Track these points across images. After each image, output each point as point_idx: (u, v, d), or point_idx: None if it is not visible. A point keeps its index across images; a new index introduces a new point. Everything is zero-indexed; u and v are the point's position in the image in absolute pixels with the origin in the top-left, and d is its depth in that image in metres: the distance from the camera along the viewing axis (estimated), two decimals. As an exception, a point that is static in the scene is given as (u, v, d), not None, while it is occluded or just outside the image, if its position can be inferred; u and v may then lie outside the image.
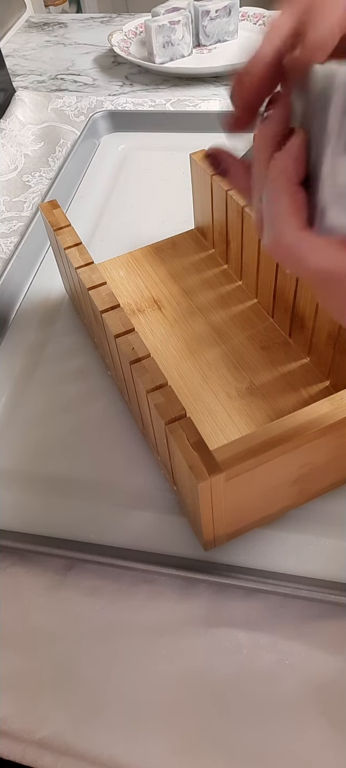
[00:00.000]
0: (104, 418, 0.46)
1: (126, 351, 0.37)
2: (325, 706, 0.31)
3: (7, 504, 0.41)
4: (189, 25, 0.94)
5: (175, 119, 0.79)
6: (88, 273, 0.43)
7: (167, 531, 0.38)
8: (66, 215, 0.48)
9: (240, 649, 0.33)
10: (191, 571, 0.35)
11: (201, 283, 0.53)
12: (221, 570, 0.36)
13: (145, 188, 0.70)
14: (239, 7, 0.99)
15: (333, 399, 0.34)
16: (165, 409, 0.33)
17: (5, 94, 0.84)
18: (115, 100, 0.86)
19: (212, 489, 0.31)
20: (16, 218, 0.68)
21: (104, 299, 0.41)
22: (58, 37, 1.14)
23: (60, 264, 0.53)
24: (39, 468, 0.43)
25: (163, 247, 0.57)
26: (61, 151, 0.77)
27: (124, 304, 0.51)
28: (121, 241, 0.60)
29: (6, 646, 0.35)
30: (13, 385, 0.49)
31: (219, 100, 0.83)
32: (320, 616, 0.34)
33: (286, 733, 0.30)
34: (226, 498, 0.32)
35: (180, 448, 0.31)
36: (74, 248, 0.45)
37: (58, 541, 0.38)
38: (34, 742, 0.32)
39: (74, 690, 0.33)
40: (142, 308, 0.51)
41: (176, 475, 0.36)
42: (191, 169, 0.54)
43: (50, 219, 0.48)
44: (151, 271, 0.55)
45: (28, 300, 0.57)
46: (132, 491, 0.41)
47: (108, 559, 0.37)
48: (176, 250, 0.56)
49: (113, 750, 0.31)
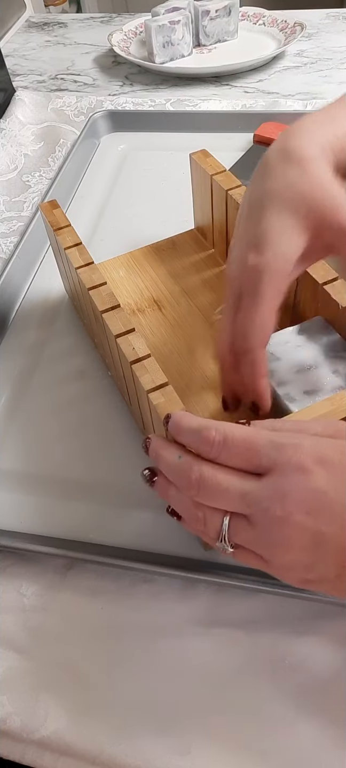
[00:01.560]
0: (104, 418, 0.46)
1: (126, 351, 0.37)
2: (324, 706, 0.31)
3: (7, 504, 0.41)
4: (189, 25, 0.94)
5: (175, 119, 0.79)
6: (88, 273, 0.43)
7: (167, 531, 0.38)
8: (66, 215, 0.48)
9: (240, 649, 0.33)
10: (191, 571, 0.35)
11: (201, 283, 0.53)
12: (221, 570, 0.36)
13: (145, 188, 0.70)
14: (239, 7, 0.99)
15: (333, 399, 0.34)
16: (165, 408, 0.33)
17: (5, 94, 0.84)
18: (115, 100, 0.86)
19: None
20: (16, 218, 0.68)
21: (104, 299, 0.41)
22: (58, 37, 1.14)
23: (60, 264, 0.53)
24: (39, 468, 0.43)
25: (163, 247, 0.57)
26: (61, 151, 0.77)
27: (124, 304, 0.51)
28: (121, 241, 0.60)
29: (6, 646, 0.35)
30: (13, 385, 0.49)
31: (219, 100, 0.83)
32: (319, 616, 0.34)
33: (285, 733, 0.30)
34: None
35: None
36: (74, 248, 0.45)
37: (58, 541, 0.38)
38: (34, 742, 0.32)
39: (74, 690, 0.33)
40: (142, 308, 0.51)
41: None
42: (191, 169, 0.54)
43: (50, 219, 0.48)
44: (151, 271, 0.55)
45: (27, 300, 0.57)
46: (132, 491, 0.41)
47: (108, 559, 0.37)
48: (176, 250, 0.56)
49: (113, 750, 0.31)
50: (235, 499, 0.27)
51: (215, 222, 0.53)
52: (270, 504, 0.26)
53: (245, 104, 0.81)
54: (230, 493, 0.27)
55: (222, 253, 0.54)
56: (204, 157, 0.52)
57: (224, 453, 0.27)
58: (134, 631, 0.35)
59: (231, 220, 0.50)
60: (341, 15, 1.08)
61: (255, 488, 0.26)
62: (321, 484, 0.25)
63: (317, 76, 0.90)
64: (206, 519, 0.28)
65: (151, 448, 0.31)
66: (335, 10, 1.10)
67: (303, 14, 1.06)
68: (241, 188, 0.48)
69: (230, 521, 0.27)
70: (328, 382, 0.38)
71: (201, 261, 0.55)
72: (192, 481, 0.27)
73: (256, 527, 0.26)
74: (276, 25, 1.01)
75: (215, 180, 0.50)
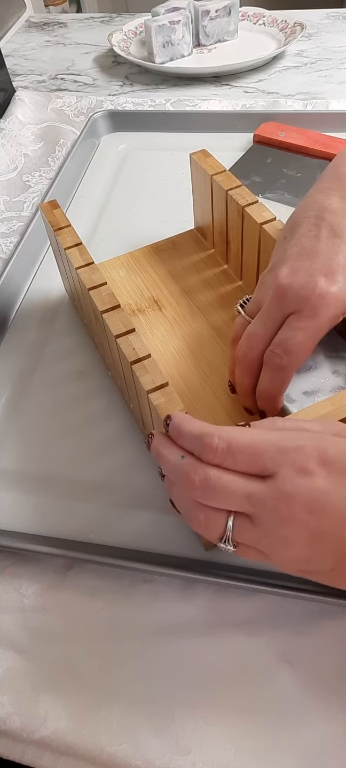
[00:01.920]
0: (104, 418, 0.46)
1: (127, 351, 0.37)
2: (325, 706, 0.31)
3: (7, 504, 0.41)
4: (189, 24, 0.94)
5: (175, 119, 0.79)
6: (88, 273, 0.43)
7: (167, 531, 0.38)
8: (66, 215, 0.48)
9: (240, 649, 0.33)
10: (191, 571, 0.35)
11: (201, 283, 0.53)
12: (221, 570, 0.36)
13: (145, 188, 0.70)
14: (239, 7, 0.99)
15: (333, 399, 0.34)
16: (166, 409, 0.33)
17: (5, 93, 0.84)
18: (115, 99, 0.86)
19: None
20: (15, 218, 0.68)
21: (105, 299, 0.41)
22: (58, 37, 1.14)
23: (60, 264, 0.53)
24: (39, 468, 0.43)
25: (164, 247, 0.57)
26: (61, 151, 0.77)
27: (124, 304, 0.51)
28: (121, 241, 0.60)
29: (6, 646, 0.35)
30: (13, 385, 0.49)
31: (219, 100, 0.84)
32: (319, 616, 0.34)
33: (286, 733, 0.30)
34: None
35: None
36: (75, 248, 0.45)
37: (58, 541, 0.38)
38: (34, 742, 0.32)
39: (74, 690, 0.33)
40: (142, 308, 0.51)
41: None
42: (191, 169, 0.54)
43: (50, 219, 0.48)
44: (151, 271, 0.55)
45: (27, 300, 0.57)
46: (132, 491, 0.41)
47: (108, 559, 0.37)
48: (176, 250, 0.56)
49: (113, 750, 0.31)
50: (240, 499, 0.27)
51: (215, 222, 0.53)
52: (276, 504, 0.26)
53: (245, 104, 0.81)
54: (236, 495, 0.27)
55: (222, 254, 0.54)
56: (204, 157, 0.52)
57: (229, 459, 0.27)
58: (134, 631, 0.35)
59: (231, 221, 0.50)
60: (341, 15, 1.09)
61: (260, 490, 0.27)
62: (323, 485, 0.26)
63: (317, 76, 0.90)
64: (209, 519, 0.28)
65: (153, 445, 0.31)
66: (335, 10, 1.10)
67: (303, 14, 1.06)
68: (241, 188, 0.48)
69: (234, 521, 0.27)
70: (328, 382, 0.38)
71: (201, 261, 0.55)
72: (196, 483, 0.27)
73: (260, 526, 0.27)
74: (276, 25, 1.01)
75: (215, 180, 0.50)
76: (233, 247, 0.52)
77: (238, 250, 0.51)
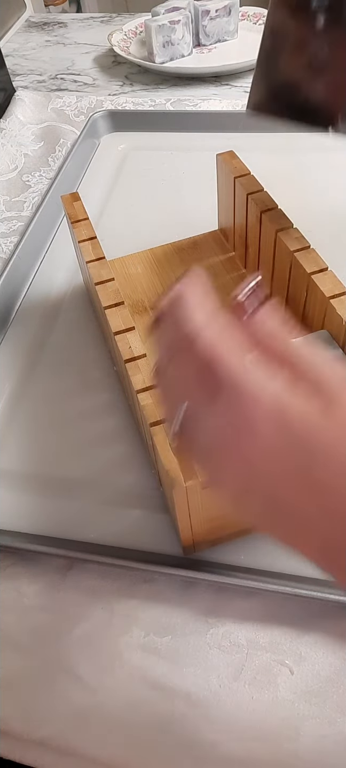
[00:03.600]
0: (104, 417, 0.46)
1: (123, 349, 0.37)
2: (325, 706, 0.31)
3: (7, 504, 0.41)
4: (189, 24, 0.94)
5: (175, 119, 0.79)
6: (97, 268, 0.43)
7: (167, 531, 0.38)
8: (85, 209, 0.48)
9: (240, 649, 0.33)
10: (191, 571, 0.35)
11: (218, 287, 0.51)
12: (221, 570, 0.36)
13: (145, 188, 0.70)
14: (239, 7, 0.98)
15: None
16: (152, 411, 0.33)
17: (5, 93, 0.84)
18: (115, 99, 0.86)
19: (188, 495, 0.31)
20: (16, 218, 0.68)
21: (109, 295, 0.41)
22: (58, 36, 1.14)
23: (78, 256, 0.53)
24: (39, 468, 0.43)
25: (185, 247, 0.56)
26: (61, 151, 0.77)
27: (137, 300, 0.51)
28: (121, 241, 0.60)
29: (6, 646, 0.35)
30: (13, 385, 0.49)
31: (219, 100, 0.83)
32: (320, 616, 0.34)
33: (286, 733, 0.30)
34: (205, 505, 0.32)
35: (160, 452, 0.31)
36: (88, 242, 0.46)
37: (58, 541, 0.38)
38: (34, 742, 0.32)
39: (74, 690, 0.33)
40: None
41: (161, 476, 0.36)
42: (217, 169, 0.54)
43: (69, 211, 0.48)
44: (169, 270, 0.54)
45: (27, 300, 0.57)
46: (132, 491, 0.41)
47: (108, 559, 0.37)
48: (197, 251, 0.56)
49: (113, 750, 0.31)
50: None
51: (236, 225, 0.53)
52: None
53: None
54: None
55: (241, 257, 0.53)
56: (230, 158, 0.52)
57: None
58: (134, 631, 0.35)
59: (250, 225, 0.49)
60: (341, 15, 1.08)
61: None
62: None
63: (317, 76, 0.90)
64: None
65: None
66: (335, 10, 1.10)
67: (303, 14, 1.06)
68: (262, 193, 0.48)
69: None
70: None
71: (220, 264, 0.54)
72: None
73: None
74: (276, 25, 1.01)
75: (237, 182, 0.49)
76: (251, 251, 0.51)
77: (256, 255, 0.50)
